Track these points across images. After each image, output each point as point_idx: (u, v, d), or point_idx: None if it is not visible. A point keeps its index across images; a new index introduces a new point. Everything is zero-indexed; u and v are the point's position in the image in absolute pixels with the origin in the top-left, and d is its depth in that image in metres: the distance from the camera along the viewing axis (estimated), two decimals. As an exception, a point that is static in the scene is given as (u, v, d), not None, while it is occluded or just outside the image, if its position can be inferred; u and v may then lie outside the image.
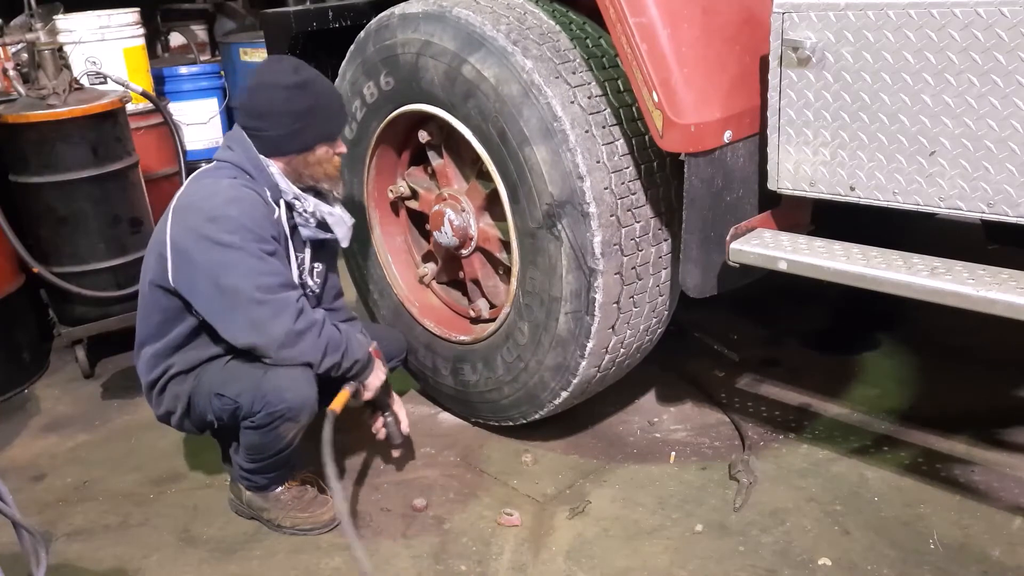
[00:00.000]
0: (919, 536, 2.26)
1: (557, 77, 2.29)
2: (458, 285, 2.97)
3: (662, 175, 2.37)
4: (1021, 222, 1.86)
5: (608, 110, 2.33)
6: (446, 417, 3.01)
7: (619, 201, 2.30)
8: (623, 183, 2.31)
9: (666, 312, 2.60)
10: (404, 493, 2.60)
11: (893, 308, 3.10)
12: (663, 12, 2.09)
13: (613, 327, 2.41)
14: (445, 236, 2.73)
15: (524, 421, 2.68)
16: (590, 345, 2.39)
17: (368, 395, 2.44)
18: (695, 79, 2.12)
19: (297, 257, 2.40)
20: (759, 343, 3.36)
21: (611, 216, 2.28)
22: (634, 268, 2.37)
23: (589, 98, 2.31)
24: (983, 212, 1.90)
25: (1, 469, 2.82)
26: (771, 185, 2.23)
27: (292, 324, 2.18)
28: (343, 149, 2.43)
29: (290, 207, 2.35)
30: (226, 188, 2.24)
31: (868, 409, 2.86)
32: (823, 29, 2.01)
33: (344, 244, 2.54)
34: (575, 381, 2.47)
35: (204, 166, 2.40)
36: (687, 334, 3.32)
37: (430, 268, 2.97)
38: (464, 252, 2.74)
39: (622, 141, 2.33)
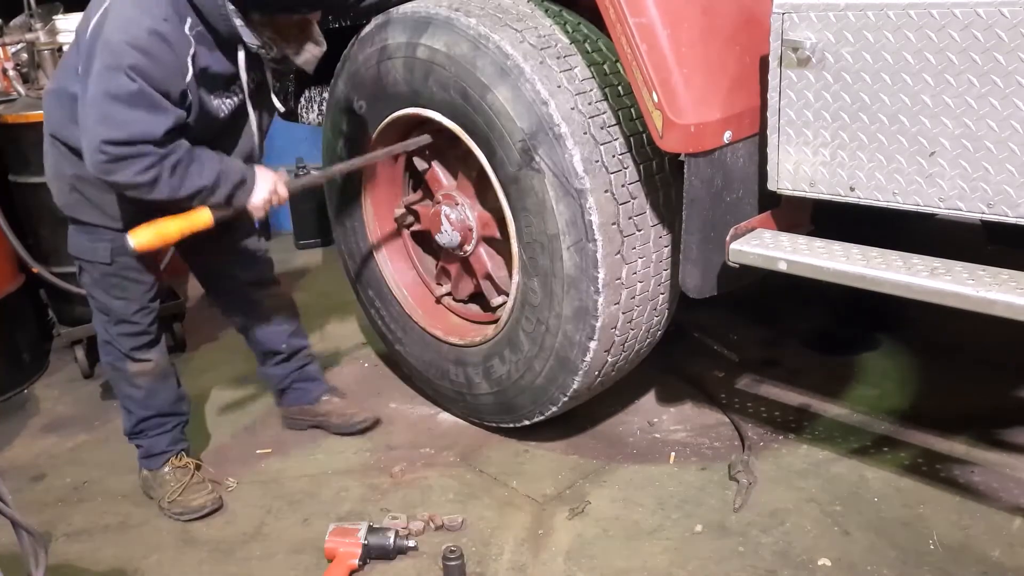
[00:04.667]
0: (919, 536, 2.26)
1: (503, 26, 2.38)
2: (475, 299, 2.98)
3: (631, 97, 2.32)
4: (1021, 222, 1.86)
5: (561, 44, 2.38)
6: (446, 417, 3.01)
7: (589, 120, 2.30)
8: (590, 103, 2.32)
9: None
10: (403, 493, 2.60)
11: (893, 308, 3.09)
12: (663, 12, 2.09)
13: (620, 253, 2.36)
14: (447, 236, 2.73)
15: (565, 397, 2.57)
16: (601, 276, 2.33)
17: (259, 214, 2.37)
18: (695, 79, 2.12)
19: (234, 95, 2.33)
20: (759, 343, 3.36)
21: (584, 134, 2.29)
22: (624, 186, 2.34)
23: (539, 36, 2.37)
24: (983, 212, 1.90)
25: (1, 469, 2.81)
26: (771, 185, 2.23)
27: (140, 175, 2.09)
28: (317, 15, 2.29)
29: (250, 52, 2.25)
30: (142, 31, 2.08)
31: (868, 409, 2.86)
32: (823, 29, 2.01)
33: (310, 70, 2.38)
34: (598, 325, 2.39)
35: None
36: (687, 334, 3.32)
37: (445, 285, 3.01)
38: (468, 248, 2.75)
39: (582, 67, 2.37)
